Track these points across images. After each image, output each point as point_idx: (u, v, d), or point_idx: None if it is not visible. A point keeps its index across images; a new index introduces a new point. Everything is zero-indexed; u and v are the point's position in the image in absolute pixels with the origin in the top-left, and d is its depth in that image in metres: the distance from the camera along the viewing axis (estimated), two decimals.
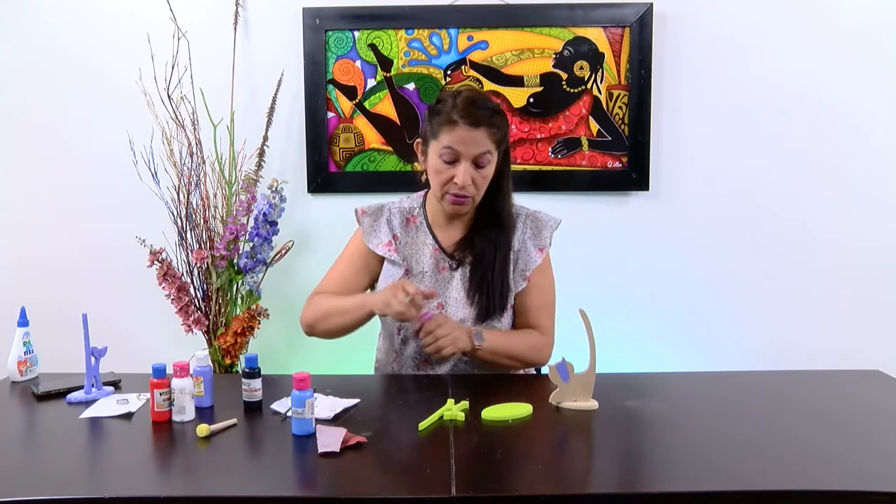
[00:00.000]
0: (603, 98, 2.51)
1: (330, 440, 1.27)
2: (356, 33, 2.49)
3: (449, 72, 2.51)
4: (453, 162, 1.63)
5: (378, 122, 2.53)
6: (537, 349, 1.73)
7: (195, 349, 1.60)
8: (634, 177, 2.53)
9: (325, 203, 2.56)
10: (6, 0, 2.51)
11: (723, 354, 2.59)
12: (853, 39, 2.50)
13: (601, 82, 2.51)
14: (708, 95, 2.53)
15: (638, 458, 1.30)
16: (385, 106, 2.53)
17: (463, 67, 2.51)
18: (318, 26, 2.48)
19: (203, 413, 1.45)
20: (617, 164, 2.54)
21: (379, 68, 2.51)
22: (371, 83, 2.52)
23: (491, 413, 1.41)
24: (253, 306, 2.40)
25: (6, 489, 1.14)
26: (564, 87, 2.51)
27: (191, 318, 2.35)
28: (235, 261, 2.39)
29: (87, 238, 2.58)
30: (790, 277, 2.58)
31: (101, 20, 2.51)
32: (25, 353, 1.68)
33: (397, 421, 1.42)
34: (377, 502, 1.12)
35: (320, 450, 1.24)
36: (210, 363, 1.60)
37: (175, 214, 2.40)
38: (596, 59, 2.50)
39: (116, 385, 1.63)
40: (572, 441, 1.37)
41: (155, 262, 2.30)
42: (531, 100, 2.52)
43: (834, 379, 1.69)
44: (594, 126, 2.53)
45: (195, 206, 2.40)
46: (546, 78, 2.51)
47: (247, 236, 2.38)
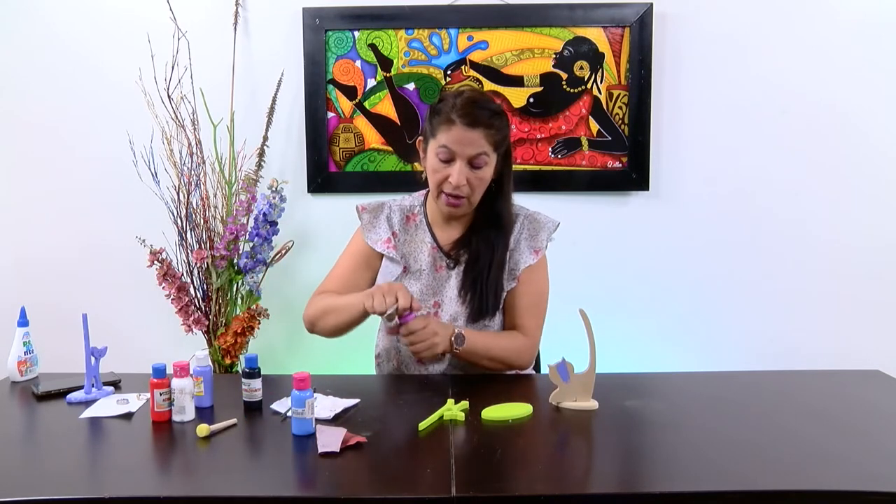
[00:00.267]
0: (603, 98, 2.51)
1: (330, 440, 1.26)
2: (356, 33, 2.49)
3: (449, 72, 2.51)
4: (449, 161, 1.63)
5: (378, 122, 2.53)
6: (518, 352, 1.71)
7: (195, 349, 1.61)
8: (634, 177, 2.53)
9: (325, 203, 2.56)
10: (6, 0, 2.51)
11: (723, 354, 2.59)
12: (853, 39, 2.50)
13: (601, 82, 2.51)
14: (708, 95, 2.53)
15: (638, 458, 1.30)
16: (385, 106, 2.53)
17: (463, 67, 2.51)
18: (318, 26, 2.48)
19: (203, 413, 1.44)
20: (617, 164, 2.54)
21: (379, 68, 2.51)
22: (371, 83, 2.52)
23: (491, 413, 1.41)
24: (253, 306, 2.40)
25: (6, 489, 1.14)
26: (564, 87, 2.51)
27: (191, 318, 2.35)
28: (235, 261, 2.39)
29: (87, 238, 2.58)
30: (790, 277, 2.58)
31: (101, 20, 2.51)
32: (25, 353, 1.68)
33: (397, 421, 1.42)
34: (377, 502, 1.12)
35: (320, 450, 1.24)
36: (210, 363, 1.60)
37: (175, 214, 2.40)
38: (596, 59, 2.50)
39: (116, 385, 1.63)
40: (572, 441, 1.37)
41: (155, 262, 2.30)
42: (531, 100, 2.52)
43: (834, 379, 1.69)
44: (594, 126, 2.53)
45: (195, 206, 2.40)
46: (546, 78, 2.51)
47: (247, 236, 2.38)
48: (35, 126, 2.55)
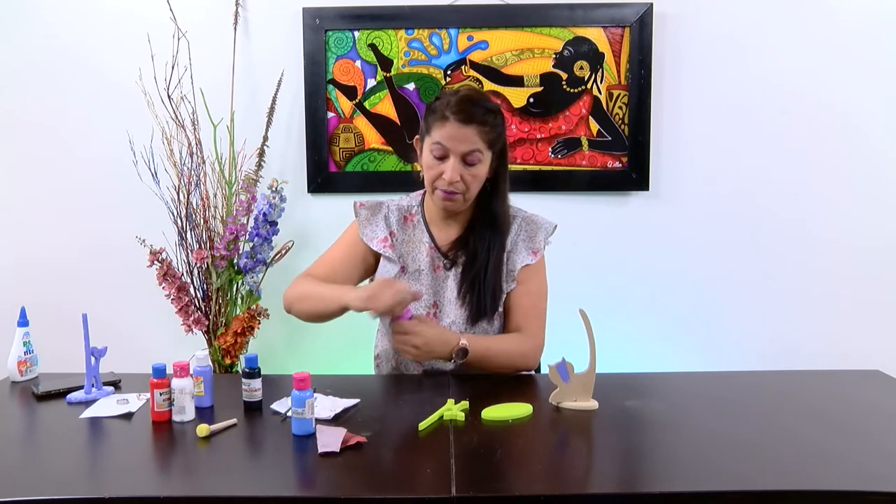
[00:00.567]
0: (603, 98, 2.51)
1: (330, 440, 1.26)
2: (356, 33, 2.49)
3: (449, 72, 2.51)
4: (443, 158, 1.63)
5: (378, 122, 2.53)
6: (524, 355, 1.69)
7: (195, 349, 1.60)
8: (634, 177, 2.53)
9: (325, 203, 2.56)
10: (6, 0, 2.51)
11: (723, 354, 2.59)
12: (853, 39, 2.50)
13: (601, 82, 2.51)
14: (708, 95, 2.53)
15: (638, 458, 1.30)
16: (385, 106, 2.53)
17: (463, 67, 2.51)
18: (318, 26, 2.48)
19: (203, 413, 1.44)
20: (617, 164, 2.54)
21: (379, 68, 2.51)
22: (371, 83, 2.52)
23: (491, 413, 1.41)
24: (253, 306, 2.40)
25: (6, 489, 1.14)
26: (564, 87, 2.51)
27: (191, 318, 2.35)
28: (235, 261, 2.39)
29: (87, 238, 2.58)
30: (790, 277, 2.58)
31: (101, 20, 2.51)
32: (25, 353, 1.68)
33: (397, 421, 1.42)
34: (377, 502, 1.12)
35: (320, 450, 1.24)
36: (210, 363, 1.60)
37: (175, 214, 2.40)
38: (596, 59, 2.50)
39: (116, 385, 1.62)
40: (572, 441, 1.37)
41: (155, 262, 2.30)
42: (531, 100, 2.52)
43: (834, 379, 1.69)
44: (594, 126, 2.53)
45: (195, 206, 2.40)
46: (546, 78, 2.51)
47: (247, 236, 2.38)
48: (35, 126, 2.55)
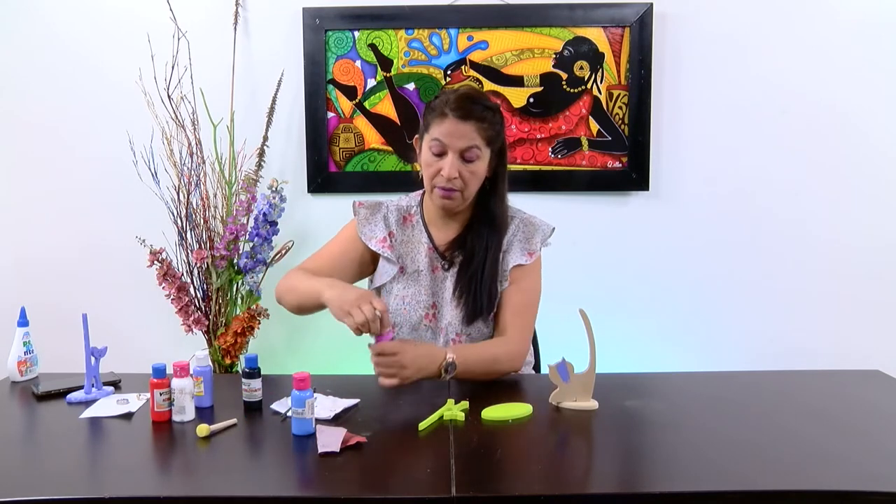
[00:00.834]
0: (603, 98, 2.51)
1: (330, 440, 1.26)
2: (356, 33, 2.49)
3: (449, 72, 2.51)
4: (441, 154, 1.63)
5: (378, 122, 2.53)
6: (510, 359, 1.66)
7: (195, 349, 1.60)
8: (634, 177, 2.53)
9: (325, 203, 2.56)
10: (6, 0, 2.51)
11: (723, 354, 2.59)
12: (853, 39, 2.50)
13: (601, 82, 2.51)
14: (708, 95, 2.53)
15: (638, 458, 1.30)
16: (385, 106, 2.53)
17: (463, 67, 2.51)
18: (318, 26, 2.48)
19: (203, 413, 1.44)
20: (617, 164, 2.54)
21: (379, 68, 2.51)
22: (371, 83, 2.52)
23: (491, 413, 1.41)
24: (253, 306, 2.40)
25: (6, 489, 1.14)
26: (564, 87, 2.51)
27: (191, 318, 2.35)
28: (235, 261, 2.39)
29: (87, 238, 2.58)
30: (790, 277, 2.58)
31: (101, 20, 2.51)
32: (25, 353, 1.68)
33: (397, 421, 1.42)
34: (377, 502, 1.12)
35: (320, 450, 1.24)
36: (210, 363, 1.60)
37: (175, 214, 2.40)
38: (596, 59, 2.50)
39: (116, 385, 1.62)
40: (572, 441, 1.37)
41: (155, 262, 2.30)
42: (531, 100, 2.52)
43: (834, 379, 1.69)
44: (594, 126, 2.53)
45: (195, 206, 2.40)
46: (546, 78, 2.51)
47: (247, 236, 2.38)
48: (35, 126, 2.55)
